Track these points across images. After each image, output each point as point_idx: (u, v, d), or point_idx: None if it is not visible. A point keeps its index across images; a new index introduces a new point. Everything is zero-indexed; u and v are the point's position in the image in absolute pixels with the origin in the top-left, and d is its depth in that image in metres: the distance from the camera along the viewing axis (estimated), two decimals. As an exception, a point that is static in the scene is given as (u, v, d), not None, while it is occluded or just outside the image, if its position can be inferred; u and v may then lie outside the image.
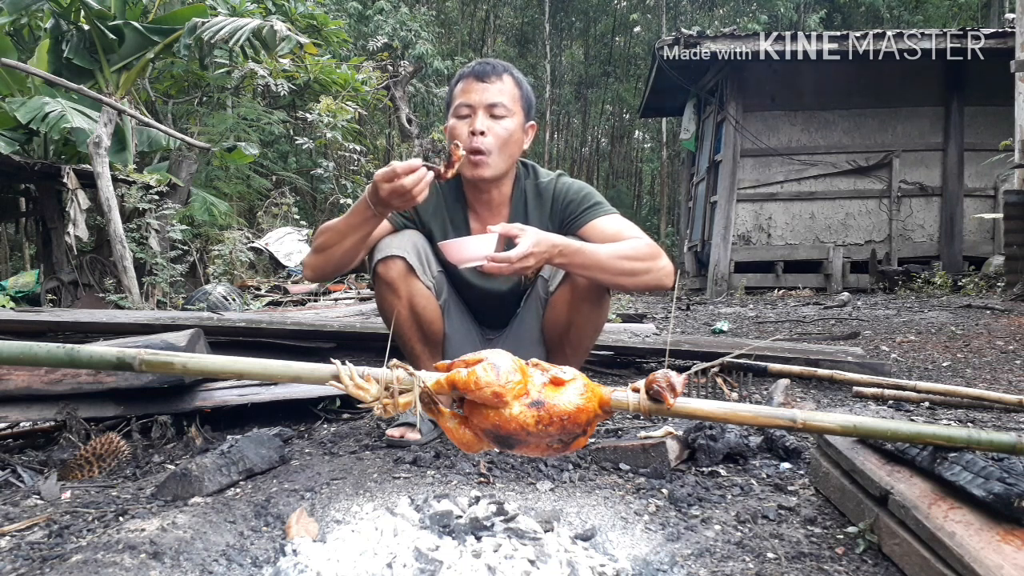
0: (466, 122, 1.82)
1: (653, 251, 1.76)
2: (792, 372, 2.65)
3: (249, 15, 6.80)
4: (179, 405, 2.04)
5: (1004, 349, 3.61)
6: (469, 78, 1.84)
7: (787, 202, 9.42)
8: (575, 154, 23.38)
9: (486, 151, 1.81)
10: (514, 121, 1.84)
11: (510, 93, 1.84)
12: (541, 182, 1.96)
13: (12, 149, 6.19)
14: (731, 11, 18.41)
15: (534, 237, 1.59)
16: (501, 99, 1.82)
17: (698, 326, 5.31)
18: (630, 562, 1.17)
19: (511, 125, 1.83)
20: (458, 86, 1.87)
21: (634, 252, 1.73)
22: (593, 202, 1.90)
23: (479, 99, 1.81)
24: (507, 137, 1.83)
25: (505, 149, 1.84)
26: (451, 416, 1.13)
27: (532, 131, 1.94)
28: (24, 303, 6.56)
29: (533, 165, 2.01)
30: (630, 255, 1.72)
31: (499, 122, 1.82)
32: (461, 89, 1.85)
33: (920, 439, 1.11)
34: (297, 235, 8.60)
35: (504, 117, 1.82)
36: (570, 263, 1.68)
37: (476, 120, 1.80)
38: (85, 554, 1.14)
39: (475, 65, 1.88)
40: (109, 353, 1.09)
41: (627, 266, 1.71)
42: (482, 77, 1.82)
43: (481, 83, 1.82)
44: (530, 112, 1.91)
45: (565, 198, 1.91)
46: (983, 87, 8.59)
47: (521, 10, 20.85)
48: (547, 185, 1.94)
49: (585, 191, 1.93)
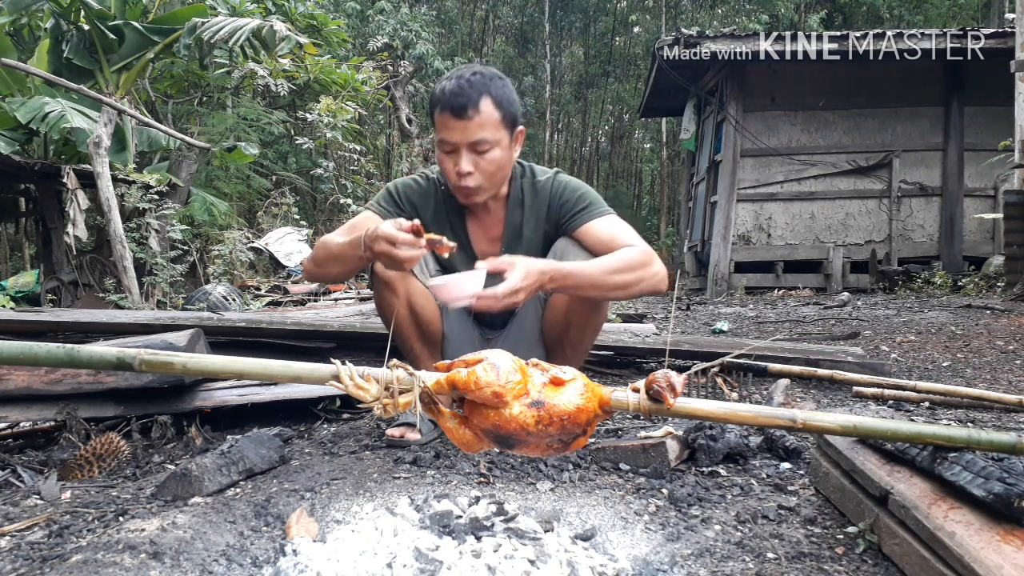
0: (451, 158, 1.77)
1: (645, 258, 1.73)
2: (792, 372, 2.65)
3: (249, 15, 6.80)
4: (179, 405, 2.04)
5: (1004, 349, 3.61)
6: (446, 113, 1.72)
7: (787, 202, 9.42)
8: (575, 154, 23.38)
9: (475, 187, 1.78)
10: (500, 149, 1.78)
11: (491, 122, 1.73)
12: (538, 181, 1.93)
13: (12, 149, 6.19)
14: (730, 10, 18.40)
15: (523, 270, 1.55)
16: (482, 135, 1.72)
17: (698, 326, 5.31)
18: (630, 562, 1.17)
19: (497, 155, 1.77)
20: (436, 114, 1.76)
21: (625, 264, 1.70)
22: (587, 203, 1.87)
23: (460, 138, 1.73)
24: (494, 170, 1.78)
25: (494, 177, 1.80)
26: (451, 416, 1.13)
27: (521, 136, 1.87)
28: (24, 303, 6.56)
29: (530, 165, 1.99)
30: (621, 267, 1.69)
31: (484, 156, 1.75)
32: (440, 122, 1.75)
33: (920, 439, 1.11)
34: (297, 235, 8.60)
35: (489, 150, 1.75)
36: (562, 287, 1.66)
37: (461, 161, 1.74)
38: (85, 554, 1.14)
39: (449, 96, 1.72)
40: (109, 353, 1.09)
41: (619, 280, 1.68)
42: (459, 114, 1.71)
43: (459, 120, 1.71)
44: (516, 122, 1.82)
45: (561, 198, 1.89)
46: (983, 87, 8.59)
47: (520, 10, 20.84)
48: (544, 184, 1.92)
49: (580, 191, 1.90)
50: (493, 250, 1.96)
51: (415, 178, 2.00)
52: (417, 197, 1.95)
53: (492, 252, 1.96)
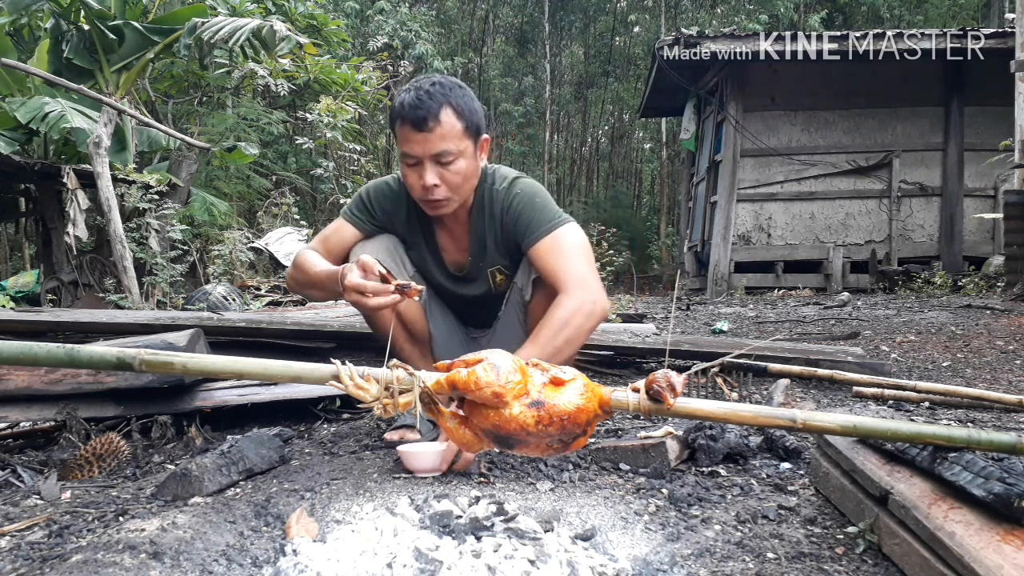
0: (415, 171, 1.74)
1: (580, 302, 1.68)
2: (792, 372, 2.65)
3: (249, 15, 6.80)
4: (179, 405, 2.04)
5: (1004, 349, 3.61)
6: (407, 126, 1.69)
7: (787, 202, 9.43)
8: (575, 154, 23.38)
9: (443, 199, 1.76)
10: (464, 158, 1.75)
11: (453, 133, 1.70)
12: (497, 190, 1.87)
13: (12, 149, 6.19)
14: (730, 9, 18.39)
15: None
16: (444, 146, 1.69)
17: (698, 326, 5.31)
18: (630, 562, 1.17)
19: (462, 165, 1.74)
20: (397, 127, 1.73)
21: (561, 323, 1.65)
22: (533, 221, 1.81)
23: (422, 151, 1.70)
24: (460, 180, 1.76)
25: (460, 188, 1.78)
26: (451, 416, 1.13)
27: (487, 144, 1.83)
28: (24, 303, 6.57)
29: (493, 170, 1.92)
30: (559, 329, 1.65)
31: (449, 168, 1.72)
32: (402, 134, 1.72)
33: (920, 439, 1.11)
34: (297, 235, 8.58)
35: (452, 161, 1.72)
36: None
37: (426, 174, 1.71)
38: (85, 554, 1.14)
39: (408, 108, 1.69)
40: (109, 353, 1.09)
41: (562, 343, 1.65)
42: (419, 126, 1.67)
43: (420, 133, 1.68)
44: (479, 130, 1.78)
45: (513, 213, 1.84)
46: (983, 87, 8.60)
47: (520, 9, 20.84)
48: (501, 195, 1.86)
49: (530, 206, 1.83)
50: (462, 258, 1.97)
51: (387, 182, 1.96)
52: (389, 203, 1.93)
53: (461, 261, 1.97)
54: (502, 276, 1.96)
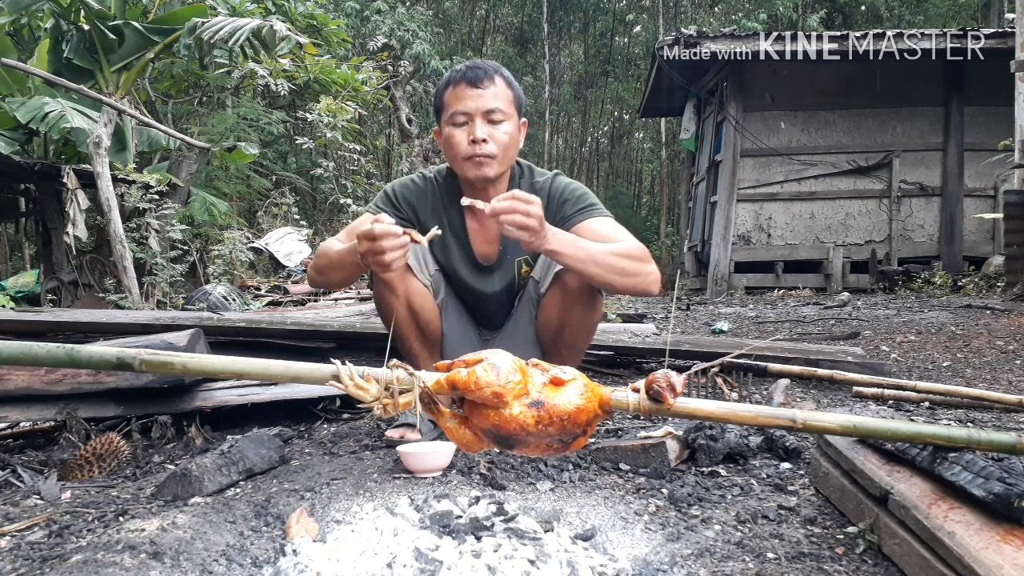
0: (463, 130, 1.80)
1: (645, 255, 1.75)
2: (792, 372, 2.65)
3: (249, 15, 6.80)
4: (179, 405, 2.04)
5: (1004, 349, 3.61)
6: (461, 84, 1.80)
7: (787, 202, 9.42)
8: (575, 154, 23.37)
9: (490, 155, 1.81)
10: (511, 124, 1.84)
11: (505, 96, 1.82)
12: (536, 181, 1.95)
13: (12, 149, 6.18)
14: (729, 8, 18.39)
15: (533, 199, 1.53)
16: (497, 104, 1.80)
17: (698, 326, 5.31)
18: (630, 562, 1.17)
19: (510, 128, 1.83)
20: (448, 91, 1.83)
21: (627, 252, 1.72)
22: (588, 203, 1.89)
23: (475, 106, 1.79)
24: (507, 142, 1.83)
25: (506, 151, 1.84)
26: (451, 416, 1.13)
27: (524, 128, 1.93)
28: (24, 303, 6.56)
29: (529, 165, 2.01)
30: (623, 254, 1.71)
31: (498, 127, 1.81)
32: (453, 95, 1.81)
33: (920, 439, 1.11)
34: (297, 235, 8.59)
35: (502, 121, 1.81)
36: (563, 251, 1.63)
37: (476, 128, 1.78)
38: (85, 554, 1.14)
39: (465, 70, 1.83)
40: (109, 353, 1.09)
41: (619, 264, 1.69)
42: (475, 83, 1.79)
43: (475, 89, 1.79)
44: (522, 110, 1.90)
45: (561, 197, 1.90)
46: (983, 87, 8.59)
47: (520, 9, 20.83)
48: (543, 184, 1.94)
49: (580, 191, 1.92)
50: (492, 250, 1.96)
51: (412, 178, 2.00)
52: (415, 197, 1.96)
53: (491, 252, 1.97)
54: (527, 268, 1.97)
